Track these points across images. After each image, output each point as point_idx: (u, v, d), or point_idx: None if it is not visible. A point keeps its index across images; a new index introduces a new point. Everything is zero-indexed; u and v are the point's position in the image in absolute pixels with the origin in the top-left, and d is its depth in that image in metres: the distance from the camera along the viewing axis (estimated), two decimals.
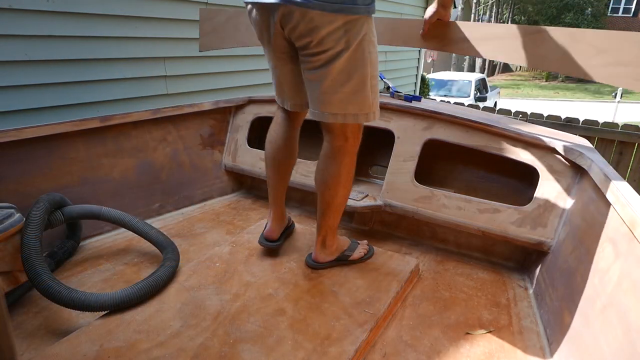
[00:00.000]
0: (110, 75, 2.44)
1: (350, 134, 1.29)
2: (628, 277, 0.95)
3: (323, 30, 1.11)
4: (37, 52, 2.10)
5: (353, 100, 1.21)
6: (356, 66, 1.17)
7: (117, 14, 2.38)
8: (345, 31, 1.12)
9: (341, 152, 1.31)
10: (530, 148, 1.61)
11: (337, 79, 1.18)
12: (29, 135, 1.54)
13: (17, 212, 1.28)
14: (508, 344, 1.21)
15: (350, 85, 1.19)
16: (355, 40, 1.14)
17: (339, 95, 1.20)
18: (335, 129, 1.28)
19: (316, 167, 1.38)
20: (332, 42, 1.12)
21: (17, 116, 2.09)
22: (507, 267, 1.68)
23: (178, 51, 2.76)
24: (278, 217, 1.54)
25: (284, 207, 1.58)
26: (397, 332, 1.23)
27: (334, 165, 1.32)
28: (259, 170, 2.16)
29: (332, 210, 1.38)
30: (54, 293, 1.14)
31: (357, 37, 1.14)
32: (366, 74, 1.20)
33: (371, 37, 1.20)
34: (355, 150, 1.34)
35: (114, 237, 1.74)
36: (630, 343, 0.85)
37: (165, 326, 1.15)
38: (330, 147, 1.32)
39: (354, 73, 1.18)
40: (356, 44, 1.15)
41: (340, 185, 1.34)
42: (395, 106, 1.86)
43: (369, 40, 1.19)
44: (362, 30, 1.15)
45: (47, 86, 2.18)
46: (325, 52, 1.14)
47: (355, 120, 1.24)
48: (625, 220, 1.01)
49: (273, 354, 1.06)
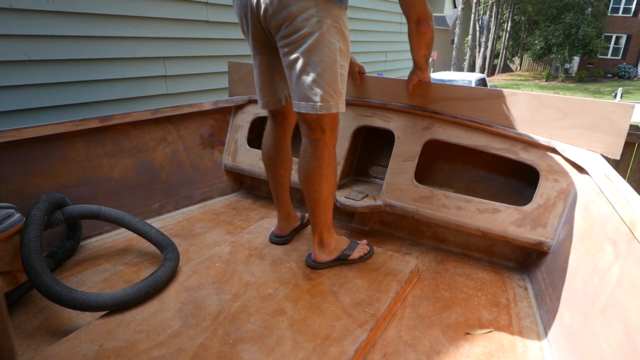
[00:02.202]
0: (110, 75, 2.44)
1: (326, 125, 1.31)
2: (628, 277, 0.95)
3: (295, 9, 1.15)
4: (37, 51, 2.10)
5: (326, 88, 1.23)
6: (327, 50, 1.21)
7: (117, 14, 2.38)
8: (317, 11, 1.16)
9: (319, 145, 1.32)
10: (530, 148, 1.61)
11: (310, 64, 1.21)
12: (28, 135, 1.54)
13: (17, 212, 1.28)
14: (508, 344, 1.21)
15: (322, 69, 1.21)
16: (325, 24, 1.18)
17: (313, 81, 1.22)
18: (311, 122, 1.30)
19: (298, 164, 1.39)
20: (304, 22, 1.16)
21: (17, 116, 2.09)
22: (507, 267, 1.68)
23: (178, 51, 2.76)
24: (283, 216, 1.63)
25: (290, 207, 1.64)
26: (397, 332, 1.23)
27: (313, 160, 1.33)
28: (258, 170, 2.16)
29: (320, 207, 1.38)
30: (54, 293, 1.14)
31: (328, 22, 1.18)
32: (336, 60, 1.23)
33: (342, 27, 1.23)
34: (333, 143, 1.36)
35: (114, 237, 1.74)
36: (630, 343, 0.85)
37: (165, 326, 1.15)
38: (309, 141, 1.34)
39: (325, 57, 1.21)
40: (326, 29, 1.18)
41: (323, 179, 1.34)
42: (396, 106, 1.86)
43: (340, 30, 1.22)
44: (333, 17, 1.19)
45: (47, 86, 2.18)
46: (297, 33, 1.18)
47: (328, 109, 1.26)
48: (625, 220, 1.01)
49: (273, 354, 1.06)
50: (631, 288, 0.92)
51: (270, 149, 1.52)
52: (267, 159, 1.54)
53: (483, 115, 1.68)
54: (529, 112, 1.60)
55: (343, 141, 1.97)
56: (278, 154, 1.52)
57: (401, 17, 6.34)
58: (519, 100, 1.62)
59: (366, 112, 1.93)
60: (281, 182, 1.57)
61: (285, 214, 1.62)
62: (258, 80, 1.43)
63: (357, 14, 4.75)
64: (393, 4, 5.40)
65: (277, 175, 1.55)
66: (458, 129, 1.74)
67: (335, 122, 1.34)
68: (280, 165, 1.53)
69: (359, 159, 2.19)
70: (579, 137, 1.51)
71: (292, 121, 1.52)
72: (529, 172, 1.66)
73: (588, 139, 1.50)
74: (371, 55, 5.35)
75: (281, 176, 1.56)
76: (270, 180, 1.58)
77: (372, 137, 2.16)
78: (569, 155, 1.50)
